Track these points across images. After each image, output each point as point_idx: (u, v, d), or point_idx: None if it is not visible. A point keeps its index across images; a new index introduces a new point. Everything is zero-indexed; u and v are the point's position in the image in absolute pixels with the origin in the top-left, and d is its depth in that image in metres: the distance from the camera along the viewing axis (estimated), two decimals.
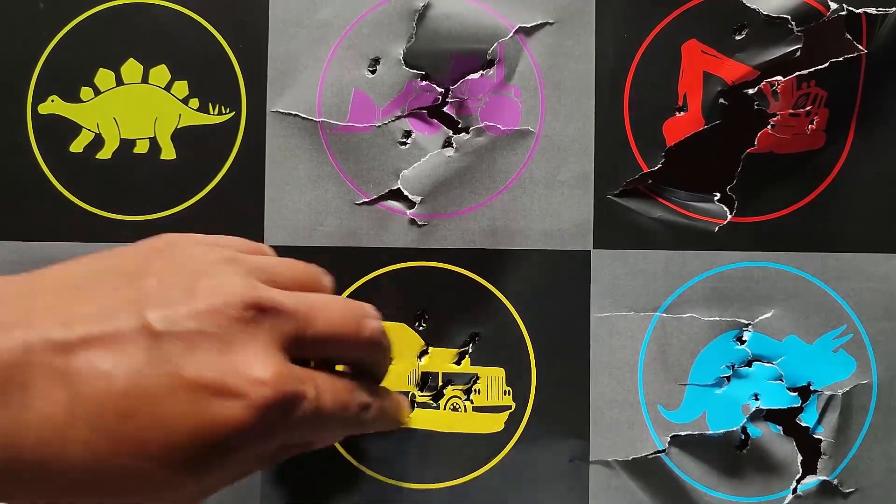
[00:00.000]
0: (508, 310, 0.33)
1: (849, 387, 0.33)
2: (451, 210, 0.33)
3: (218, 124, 0.33)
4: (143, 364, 0.23)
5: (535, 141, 0.33)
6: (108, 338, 0.23)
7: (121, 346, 0.23)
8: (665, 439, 0.32)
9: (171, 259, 0.26)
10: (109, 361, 0.23)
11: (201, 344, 0.23)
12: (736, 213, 0.33)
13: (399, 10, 0.32)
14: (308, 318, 0.26)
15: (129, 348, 0.23)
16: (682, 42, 0.32)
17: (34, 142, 0.33)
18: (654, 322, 0.33)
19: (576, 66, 0.33)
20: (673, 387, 0.33)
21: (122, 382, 0.22)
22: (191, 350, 0.23)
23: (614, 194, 0.33)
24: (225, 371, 0.23)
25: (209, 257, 0.26)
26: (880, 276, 0.33)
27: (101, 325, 0.23)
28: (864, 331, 0.33)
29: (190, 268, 0.25)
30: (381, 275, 0.33)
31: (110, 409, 0.22)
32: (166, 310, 0.23)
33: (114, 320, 0.23)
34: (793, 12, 0.31)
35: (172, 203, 0.33)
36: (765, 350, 0.33)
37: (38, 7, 0.32)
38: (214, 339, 0.24)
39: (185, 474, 0.23)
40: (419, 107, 0.33)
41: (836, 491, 0.32)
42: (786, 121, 0.32)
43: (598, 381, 0.33)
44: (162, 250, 0.26)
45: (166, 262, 0.25)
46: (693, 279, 0.33)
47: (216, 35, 0.33)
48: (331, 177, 0.33)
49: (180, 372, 0.23)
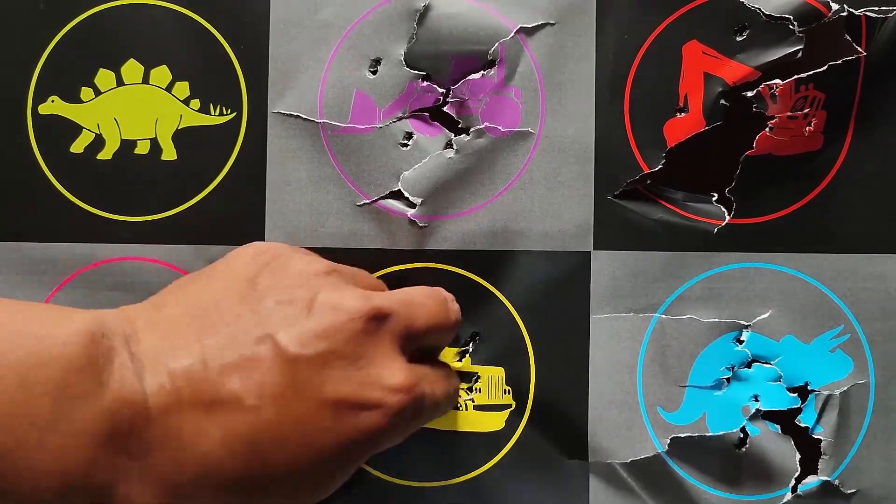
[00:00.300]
0: (508, 310, 0.33)
1: (846, 386, 0.33)
2: (452, 211, 0.33)
3: (219, 125, 0.32)
4: (285, 390, 0.24)
5: (535, 142, 0.33)
6: (245, 367, 0.24)
7: (260, 376, 0.24)
8: (665, 441, 0.33)
9: (281, 275, 0.26)
10: (253, 392, 0.23)
11: (334, 362, 0.24)
12: (734, 214, 0.33)
13: (400, 10, 0.32)
14: (410, 315, 0.27)
15: (267, 377, 0.24)
16: (683, 43, 0.32)
17: (34, 142, 0.32)
18: (653, 323, 0.33)
19: (576, 66, 0.33)
20: (672, 388, 0.33)
21: (270, 413, 0.23)
22: (326, 369, 0.24)
23: (614, 195, 0.33)
24: (361, 384, 0.25)
25: (313, 268, 0.27)
26: (877, 276, 0.33)
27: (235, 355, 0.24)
28: (862, 331, 0.33)
29: (301, 283, 0.26)
30: (382, 276, 0.33)
31: (264, 440, 0.23)
32: (294, 331, 0.24)
33: (245, 348, 0.24)
34: (794, 12, 0.31)
35: (173, 204, 0.33)
36: (762, 350, 0.33)
37: (38, 7, 0.32)
38: (345, 354, 0.25)
39: (328, 482, 0.25)
40: (420, 108, 0.33)
41: (838, 492, 0.33)
42: (784, 123, 0.32)
43: (597, 382, 0.33)
44: (268, 265, 0.27)
45: (276, 279, 0.26)
46: (692, 280, 0.33)
47: (217, 36, 0.32)
48: (332, 178, 0.33)
49: (321, 392, 0.24)
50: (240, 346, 0.24)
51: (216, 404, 0.23)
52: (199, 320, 0.25)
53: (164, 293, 0.27)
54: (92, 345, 0.22)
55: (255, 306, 0.25)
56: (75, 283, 0.33)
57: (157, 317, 0.25)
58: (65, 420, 0.21)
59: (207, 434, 0.23)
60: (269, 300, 0.25)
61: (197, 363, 0.23)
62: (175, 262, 0.33)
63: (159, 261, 0.33)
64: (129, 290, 0.33)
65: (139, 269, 0.33)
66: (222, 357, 0.24)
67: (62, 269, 0.32)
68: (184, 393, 0.23)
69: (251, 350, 0.24)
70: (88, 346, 0.22)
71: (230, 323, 0.25)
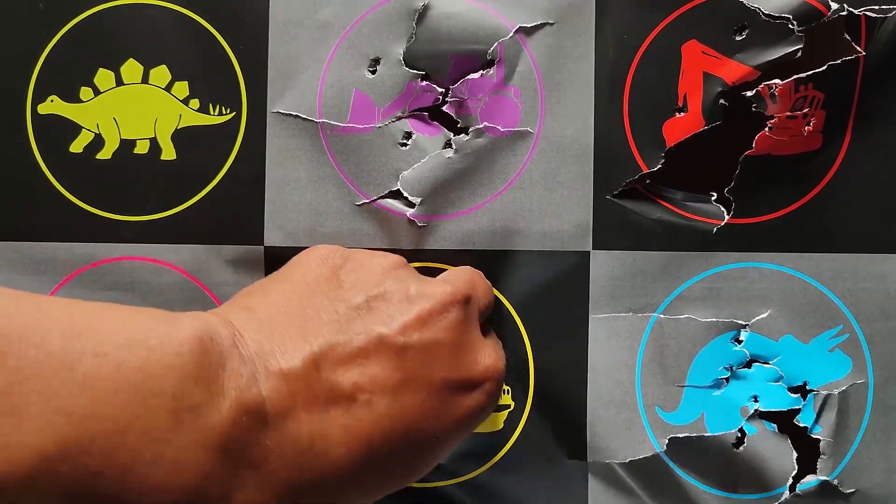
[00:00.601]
0: (507, 310, 0.33)
1: (844, 386, 0.33)
2: (451, 211, 0.33)
3: (218, 125, 0.33)
4: (397, 381, 0.24)
5: (534, 142, 0.33)
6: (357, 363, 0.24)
7: (371, 370, 0.24)
8: (663, 441, 0.33)
9: (363, 271, 0.27)
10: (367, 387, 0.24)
11: (437, 348, 0.25)
12: (733, 214, 0.33)
13: (399, 9, 0.32)
14: (478, 296, 0.29)
15: (379, 370, 0.24)
16: (682, 43, 0.32)
17: (34, 142, 0.32)
18: (651, 323, 0.33)
19: (576, 66, 0.33)
20: (671, 388, 0.33)
21: (384, 405, 0.24)
22: (431, 357, 0.25)
23: (614, 195, 0.33)
24: (465, 367, 0.26)
25: (390, 262, 0.28)
26: (877, 276, 0.33)
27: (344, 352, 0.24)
28: (861, 331, 0.33)
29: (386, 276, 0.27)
30: None
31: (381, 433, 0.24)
32: (396, 323, 0.25)
33: (352, 344, 0.24)
34: (794, 11, 0.31)
35: (172, 203, 0.33)
36: (761, 350, 0.33)
37: (38, 7, 0.32)
38: (446, 340, 0.26)
39: (433, 462, 0.27)
40: (419, 108, 0.33)
41: (837, 491, 0.33)
42: (783, 123, 0.32)
43: (595, 382, 0.33)
44: (343, 265, 0.27)
45: (360, 276, 0.27)
46: (691, 280, 0.33)
47: (216, 36, 0.32)
48: (331, 178, 0.33)
49: (430, 379, 0.25)
50: (346, 342, 0.24)
51: (332, 403, 0.23)
52: (297, 320, 0.25)
53: (246, 297, 0.27)
54: (203, 353, 0.21)
55: (349, 303, 0.25)
56: (74, 283, 0.33)
57: (253, 319, 0.24)
58: (182, 432, 0.20)
59: (326, 434, 0.23)
60: (360, 296, 0.26)
61: (309, 363, 0.23)
62: (174, 262, 0.33)
63: (159, 260, 0.33)
64: (128, 289, 0.33)
65: (138, 268, 0.33)
66: (332, 355, 0.24)
67: (61, 268, 0.32)
68: (300, 395, 0.23)
69: (359, 345, 0.24)
70: (200, 354, 0.21)
71: (330, 321, 0.25)
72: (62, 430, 0.18)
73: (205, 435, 0.21)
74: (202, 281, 0.33)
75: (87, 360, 0.19)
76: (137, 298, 0.33)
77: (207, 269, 0.33)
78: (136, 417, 0.20)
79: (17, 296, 0.20)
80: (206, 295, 0.33)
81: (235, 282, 0.33)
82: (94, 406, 0.19)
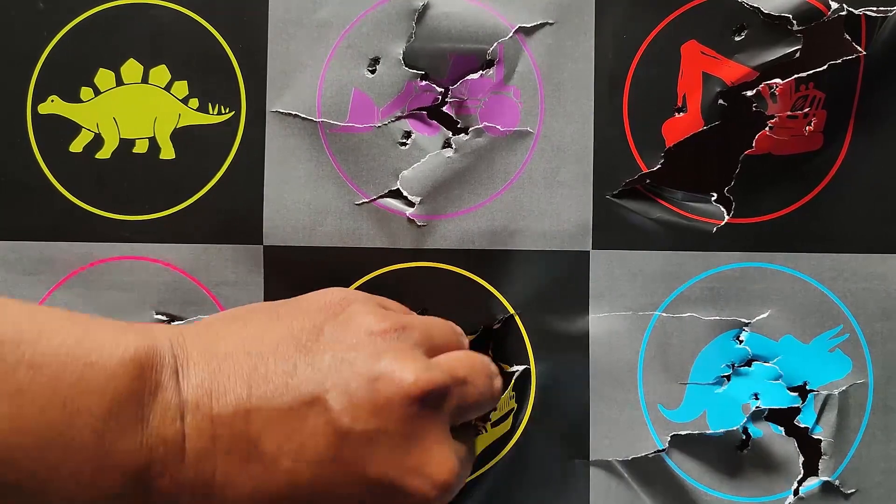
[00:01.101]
0: (507, 309, 0.33)
1: (844, 386, 0.33)
2: (451, 210, 0.33)
3: (217, 124, 0.33)
4: (327, 459, 0.23)
5: (534, 141, 0.33)
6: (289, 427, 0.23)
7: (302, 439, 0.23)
8: (665, 439, 0.33)
9: (346, 330, 0.25)
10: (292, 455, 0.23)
11: (383, 440, 0.23)
12: (734, 213, 0.33)
13: (398, 9, 0.32)
14: (463, 394, 0.26)
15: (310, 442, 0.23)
16: (681, 43, 0.32)
17: (34, 142, 0.32)
18: (653, 322, 0.33)
19: (575, 66, 0.33)
20: (673, 386, 0.33)
21: (304, 477, 0.23)
22: (373, 447, 0.23)
23: (613, 195, 0.33)
24: (406, 470, 0.24)
25: (381, 327, 0.26)
26: (877, 276, 0.33)
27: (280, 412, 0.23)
28: (861, 331, 0.33)
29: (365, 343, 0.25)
30: (381, 275, 0.33)
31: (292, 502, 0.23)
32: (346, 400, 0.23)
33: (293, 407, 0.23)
34: (794, 11, 0.31)
35: (171, 203, 0.33)
36: (761, 350, 0.33)
37: (38, 7, 0.32)
38: (395, 434, 0.23)
39: None
40: (419, 107, 0.33)
41: (838, 492, 0.33)
42: (784, 122, 0.32)
43: (597, 381, 0.33)
44: (337, 316, 0.26)
45: (341, 334, 0.25)
46: (691, 280, 0.33)
47: (216, 35, 0.32)
48: (330, 177, 0.33)
49: (364, 471, 0.23)
50: (288, 402, 0.23)
51: (253, 458, 0.23)
52: (253, 361, 0.24)
53: (225, 320, 0.26)
54: (139, 379, 0.22)
55: (313, 359, 0.24)
56: (73, 282, 0.33)
57: (211, 349, 0.24)
58: (102, 453, 0.21)
59: (237, 485, 0.23)
60: (328, 356, 0.24)
61: (241, 412, 0.23)
62: (173, 262, 0.33)
63: (158, 260, 0.33)
64: (127, 289, 0.33)
65: (137, 268, 0.33)
66: (268, 411, 0.23)
67: (60, 268, 0.32)
68: (222, 441, 0.23)
69: (299, 410, 0.23)
70: (136, 381, 0.21)
71: (284, 374, 0.24)
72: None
73: (122, 459, 0.21)
74: (201, 280, 0.33)
75: (22, 370, 0.20)
76: (136, 298, 0.33)
77: (206, 268, 0.33)
78: (60, 434, 0.20)
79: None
80: (204, 294, 0.33)
81: (234, 281, 0.33)
82: (20, 420, 0.19)
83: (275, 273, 0.33)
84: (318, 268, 0.33)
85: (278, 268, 0.33)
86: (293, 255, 0.33)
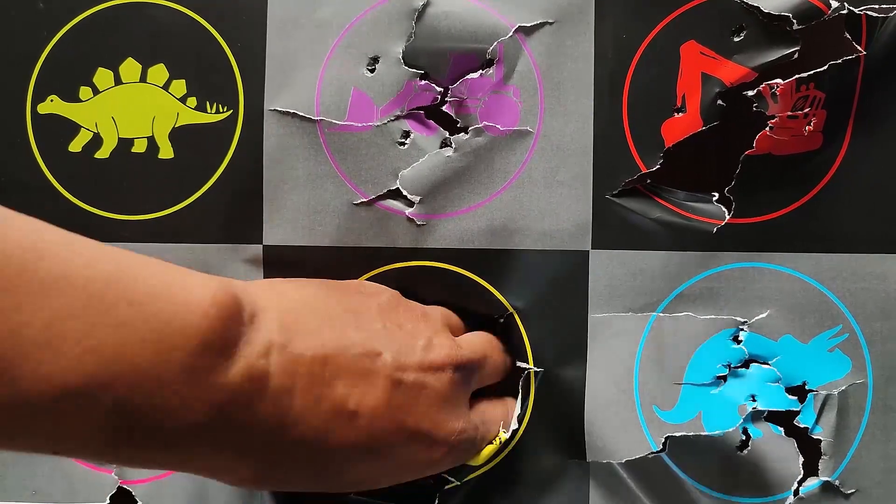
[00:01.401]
0: (507, 309, 0.33)
1: (843, 386, 0.33)
2: (450, 210, 0.33)
3: (216, 123, 0.33)
4: (381, 406, 0.26)
5: (533, 141, 0.33)
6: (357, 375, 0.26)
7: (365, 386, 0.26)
8: (659, 440, 0.33)
9: (413, 311, 0.30)
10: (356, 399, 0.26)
11: (424, 396, 0.27)
12: (734, 213, 0.33)
13: (398, 8, 0.32)
14: (484, 369, 0.31)
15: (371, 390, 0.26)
16: (681, 43, 0.32)
17: (33, 142, 0.33)
18: (650, 322, 0.33)
19: (575, 66, 0.33)
20: (668, 386, 0.33)
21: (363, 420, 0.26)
22: (416, 400, 0.27)
23: (613, 194, 0.33)
24: (437, 423, 0.28)
25: (437, 314, 0.31)
26: (876, 276, 0.33)
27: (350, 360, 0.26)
28: (860, 331, 0.33)
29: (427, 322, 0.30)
30: (380, 274, 0.33)
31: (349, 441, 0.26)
32: (406, 359, 0.27)
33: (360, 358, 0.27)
34: (794, 10, 0.31)
35: (170, 202, 0.33)
36: (760, 350, 0.33)
37: (38, 7, 0.32)
38: (433, 393, 0.28)
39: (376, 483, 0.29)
40: (418, 106, 0.33)
41: (838, 492, 0.33)
42: (784, 122, 0.32)
43: (594, 382, 0.33)
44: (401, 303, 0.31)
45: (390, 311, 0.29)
46: (691, 279, 0.33)
47: (214, 34, 0.32)
48: (329, 176, 0.33)
49: (406, 421, 0.27)
50: (356, 354, 0.26)
51: (324, 399, 0.25)
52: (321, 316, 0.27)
53: (285, 281, 0.29)
54: (227, 318, 0.23)
55: (372, 324, 0.28)
56: None
57: (283, 302, 0.26)
58: (190, 387, 0.22)
59: (308, 422, 0.25)
60: (384, 323, 0.28)
61: (318, 357, 0.25)
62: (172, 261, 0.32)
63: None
64: None
65: None
66: (341, 358, 0.26)
67: None
68: (302, 380, 0.25)
69: (363, 362, 0.26)
70: (225, 320, 0.23)
71: (352, 329, 0.27)
72: (89, 368, 0.20)
73: (209, 392, 0.23)
74: None
75: (122, 306, 0.21)
76: None
77: (205, 268, 0.33)
78: (154, 366, 0.21)
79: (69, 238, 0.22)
80: None
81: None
82: (120, 350, 0.21)
83: (274, 272, 0.33)
84: (317, 267, 0.33)
85: (277, 267, 0.33)
86: (292, 255, 0.33)
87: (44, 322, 0.20)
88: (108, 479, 0.34)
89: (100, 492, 0.34)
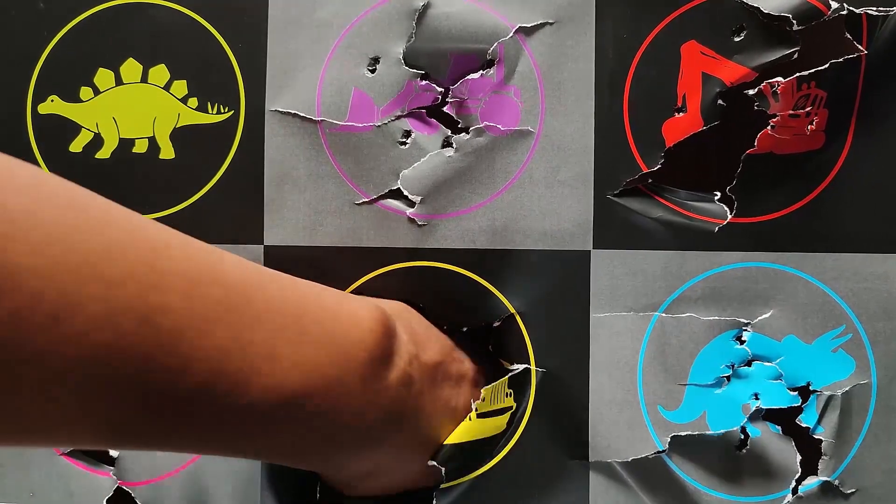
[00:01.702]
0: (508, 309, 0.33)
1: (847, 387, 0.32)
2: (451, 210, 0.33)
3: (217, 123, 0.33)
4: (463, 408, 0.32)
5: (534, 141, 0.33)
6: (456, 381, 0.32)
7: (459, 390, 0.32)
8: (665, 440, 0.32)
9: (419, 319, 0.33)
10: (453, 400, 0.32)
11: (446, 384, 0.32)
12: (735, 213, 0.33)
13: (399, 9, 0.32)
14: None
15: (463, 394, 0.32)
16: (681, 43, 0.32)
17: (34, 142, 0.33)
18: (653, 322, 0.33)
19: (575, 66, 0.33)
20: (672, 387, 0.33)
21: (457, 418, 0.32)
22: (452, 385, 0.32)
23: (614, 194, 0.33)
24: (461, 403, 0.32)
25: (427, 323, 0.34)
26: (880, 276, 0.33)
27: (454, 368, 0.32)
28: (864, 331, 0.33)
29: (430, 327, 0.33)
30: (381, 274, 0.33)
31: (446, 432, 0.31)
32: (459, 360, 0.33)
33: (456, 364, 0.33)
34: (794, 10, 0.31)
35: (171, 203, 0.33)
36: (764, 350, 0.33)
37: (38, 7, 0.32)
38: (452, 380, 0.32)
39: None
40: (419, 106, 0.33)
41: (838, 492, 0.32)
42: (785, 121, 0.32)
43: (597, 382, 0.33)
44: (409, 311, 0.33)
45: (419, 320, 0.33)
46: (692, 279, 0.33)
47: (215, 34, 0.32)
48: (330, 176, 0.33)
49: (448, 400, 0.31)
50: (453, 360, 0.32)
51: (438, 400, 0.31)
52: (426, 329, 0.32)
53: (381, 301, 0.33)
54: (386, 334, 0.28)
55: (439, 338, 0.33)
56: None
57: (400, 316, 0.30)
58: (365, 391, 0.26)
59: (436, 415, 0.30)
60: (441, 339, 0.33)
61: (437, 364, 0.31)
62: None
63: None
64: None
65: None
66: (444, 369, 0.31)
67: None
68: (428, 380, 0.30)
69: (459, 367, 0.32)
70: (385, 336, 0.27)
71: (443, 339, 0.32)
72: (296, 380, 0.24)
73: (378, 394, 0.27)
74: None
75: (313, 328, 0.25)
76: None
77: None
78: (339, 376, 0.25)
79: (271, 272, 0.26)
80: None
81: None
82: (315, 364, 0.25)
83: None
84: (318, 267, 0.33)
85: (278, 267, 0.33)
86: (293, 255, 0.33)
87: (264, 341, 0.23)
88: (105, 481, 0.34)
89: (97, 493, 0.34)
